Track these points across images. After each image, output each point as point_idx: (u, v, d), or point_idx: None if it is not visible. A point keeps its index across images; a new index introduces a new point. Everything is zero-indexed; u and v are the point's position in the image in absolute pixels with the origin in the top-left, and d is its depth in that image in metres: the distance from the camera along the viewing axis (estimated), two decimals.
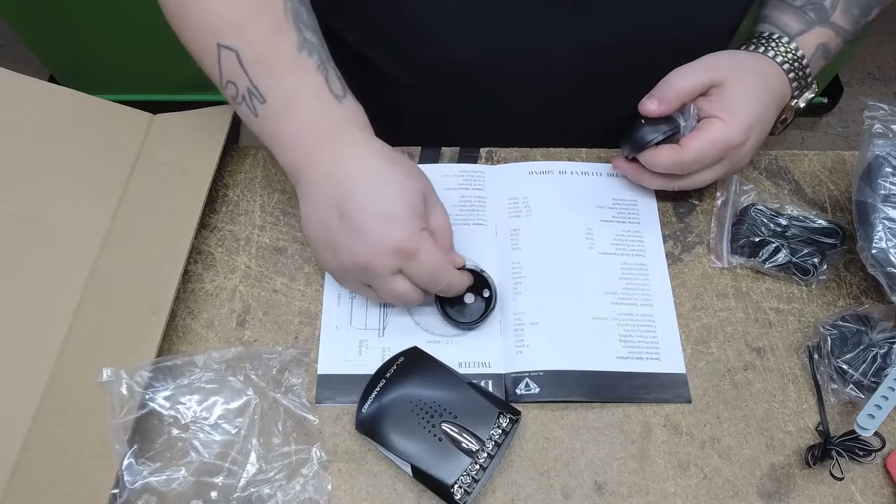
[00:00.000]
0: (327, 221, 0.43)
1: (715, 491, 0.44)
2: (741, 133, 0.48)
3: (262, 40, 0.44)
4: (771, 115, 0.51)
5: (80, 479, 0.40)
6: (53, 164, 0.51)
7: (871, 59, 1.74)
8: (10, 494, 0.40)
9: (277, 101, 0.44)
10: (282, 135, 0.45)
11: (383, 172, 0.44)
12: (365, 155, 0.44)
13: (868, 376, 0.46)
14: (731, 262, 0.52)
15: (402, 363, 0.46)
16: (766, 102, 0.49)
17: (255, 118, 0.45)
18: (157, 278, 0.47)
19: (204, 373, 0.44)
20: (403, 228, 0.42)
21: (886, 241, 0.46)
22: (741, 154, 0.49)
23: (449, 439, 0.43)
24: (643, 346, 0.49)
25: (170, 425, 0.43)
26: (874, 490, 0.44)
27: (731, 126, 0.48)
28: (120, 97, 0.62)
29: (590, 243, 0.53)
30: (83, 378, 0.44)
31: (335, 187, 0.43)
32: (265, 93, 0.44)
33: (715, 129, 0.48)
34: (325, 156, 0.44)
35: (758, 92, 0.49)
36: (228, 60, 0.44)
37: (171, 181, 0.52)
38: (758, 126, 0.49)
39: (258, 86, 0.44)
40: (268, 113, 0.44)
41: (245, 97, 0.45)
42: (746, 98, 0.49)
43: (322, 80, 0.45)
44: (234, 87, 0.45)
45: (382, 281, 0.44)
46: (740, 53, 0.52)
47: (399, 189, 0.43)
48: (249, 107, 0.45)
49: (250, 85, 0.44)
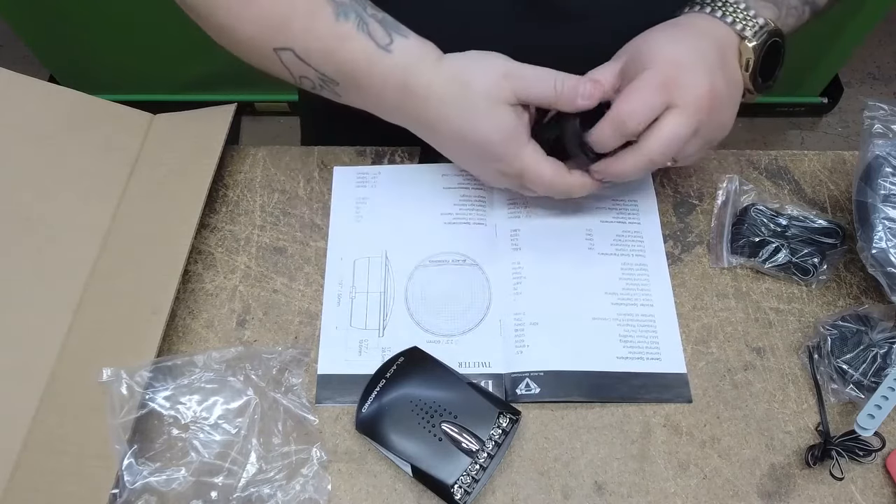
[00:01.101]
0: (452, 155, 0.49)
1: (715, 491, 0.44)
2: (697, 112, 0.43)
3: (306, 28, 0.44)
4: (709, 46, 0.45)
5: (80, 479, 0.40)
6: (53, 164, 0.51)
7: (871, 59, 1.74)
8: (10, 494, 0.40)
9: (346, 80, 0.46)
10: (368, 104, 0.47)
11: (457, 109, 0.45)
12: (431, 102, 0.45)
13: (868, 376, 0.46)
14: (731, 262, 0.52)
15: (402, 363, 0.46)
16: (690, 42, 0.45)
17: (340, 98, 0.48)
18: (157, 278, 0.47)
19: (204, 373, 0.45)
20: (501, 155, 0.45)
21: (886, 241, 0.46)
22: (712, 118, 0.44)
23: (449, 439, 0.43)
24: (643, 347, 0.49)
25: (170, 425, 0.43)
26: (874, 490, 0.44)
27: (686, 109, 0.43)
28: (120, 97, 0.62)
29: (590, 243, 0.53)
30: (83, 378, 0.44)
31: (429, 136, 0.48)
32: (334, 76, 0.46)
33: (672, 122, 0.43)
34: (408, 114, 0.47)
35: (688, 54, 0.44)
36: (289, 60, 0.45)
37: (171, 181, 0.52)
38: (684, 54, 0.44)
39: (325, 73, 0.45)
40: (347, 91, 0.47)
41: (321, 84, 0.47)
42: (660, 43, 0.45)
43: (366, 39, 0.44)
44: (308, 80, 0.47)
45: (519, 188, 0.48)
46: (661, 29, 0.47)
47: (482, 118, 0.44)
48: (329, 91, 0.47)
49: (318, 74, 0.46)
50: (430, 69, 0.45)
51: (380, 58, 0.44)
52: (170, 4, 0.48)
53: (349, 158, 0.57)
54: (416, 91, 0.45)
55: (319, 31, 0.44)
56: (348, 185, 0.55)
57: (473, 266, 0.52)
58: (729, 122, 0.46)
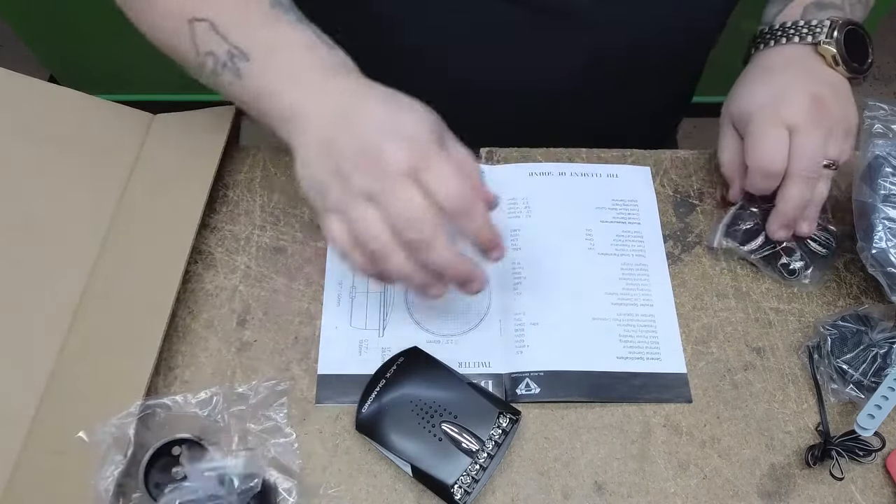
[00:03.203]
0: (331, 144, 0.38)
1: (715, 491, 0.44)
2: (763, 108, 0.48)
3: (234, 5, 0.43)
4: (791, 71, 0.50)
5: (80, 479, 0.40)
6: (53, 164, 0.51)
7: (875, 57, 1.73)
8: (10, 494, 0.40)
9: (262, 53, 0.42)
10: (271, 84, 0.42)
11: (393, 97, 0.40)
12: (367, 85, 0.41)
13: (868, 376, 0.46)
14: (722, 244, 0.52)
15: (402, 363, 0.46)
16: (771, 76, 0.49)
17: (239, 80, 0.42)
18: (157, 278, 0.47)
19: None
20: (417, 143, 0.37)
21: (886, 241, 0.46)
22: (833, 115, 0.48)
23: (449, 439, 0.43)
24: (643, 347, 0.49)
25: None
26: (874, 490, 0.44)
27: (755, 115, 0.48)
28: (120, 97, 0.62)
29: (590, 244, 0.53)
30: (83, 378, 0.44)
31: (339, 108, 0.39)
32: (248, 50, 0.42)
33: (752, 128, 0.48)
34: (324, 87, 0.41)
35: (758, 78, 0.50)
36: (203, 32, 0.42)
37: (171, 181, 0.52)
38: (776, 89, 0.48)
39: (239, 45, 0.42)
40: (253, 68, 0.42)
41: (226, 62, 0.42)
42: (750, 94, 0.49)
43: (307, 31, 0.43)
44: (212, 57, 0.43)
45: (391, 184, 0.37)
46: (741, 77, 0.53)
47: (411, 110, 0.39)
48: (232, 69, 0.42)
49: (230, 47, 0.42)
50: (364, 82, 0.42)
51: (319, 45, 0.42)
52: None
53: None
54: (348, 75, 0.41)
55: (251, 10, 0.42)
56: None
57: None
58: (852, 110, 0.49)
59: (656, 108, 0.69)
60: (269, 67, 0.42)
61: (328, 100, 0.40)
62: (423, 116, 0.39)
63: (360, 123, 0.38)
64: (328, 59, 0.42)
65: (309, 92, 0.41)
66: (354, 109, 0.39)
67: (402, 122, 0.38)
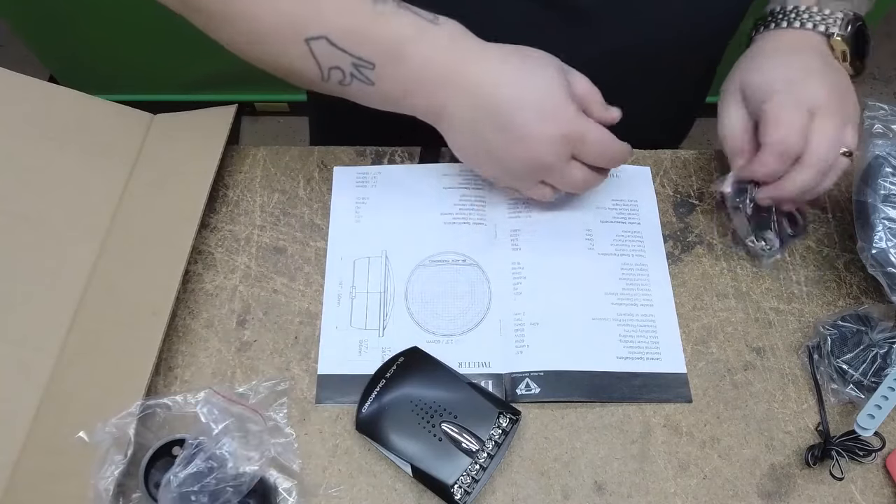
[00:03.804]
0: (485, 142, 0.45)
1: (715, 491, 0.44)
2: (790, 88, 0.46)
3: (341, 13, 0.43)
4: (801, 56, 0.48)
5: (80, 479, 0.40)
6: (53, 164, 0.51)
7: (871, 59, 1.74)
8: (10, 494, 0.40)
9: (385, 59, 0.43)
10: (404, 86, 0.45)
11: (517, 71, 0.44)
12: (491, 63, 0.44)
13: (868, 376, 0.46)
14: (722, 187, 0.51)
15: (402, 363, 0.46)
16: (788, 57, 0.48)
17: (372, 87, 0.45)
18: (157, 278, 0.47)
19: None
20: (563, 115, 0.44)
21: (886, 241, 0.46)
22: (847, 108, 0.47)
23: (449, 439, 0.43)
24: (643, 347, 0.49)
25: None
26: (874, 490, 0.44)
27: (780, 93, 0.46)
28: (120, 97, 0.62)
29: (590, 244, 0.53)
30: (83, 378, 0.44)
31: (481, 108, 0.44)
32: (371, 57, 0.43)
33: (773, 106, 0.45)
34: (455, 84, 0.44)
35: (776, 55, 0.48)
36: (322, 48, 0.43)
37: (171, 181, 0.52)
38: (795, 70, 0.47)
39: (361, 55, 0.43)
40: (382, 74, 0.44)
41: (354, 73, 0.44)
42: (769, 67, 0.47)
43: (411, 15, 0.44)
44: (338, 71, 0.44)
45: (559, 172, 0.46)
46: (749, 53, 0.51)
47: (540, 79, 0.44)
48: (362, 79, 0.44)
49: (353, 59, 0.43)
50: (479, 40, 0.45)
51: (429, 27, 0.44)
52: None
53: (349, 158, 0.57)
54: (470, 54, 0.44)
55: (356, 11, 0.42)
56: (348, 185, 0.55)
57: (473, 266, 0.52)
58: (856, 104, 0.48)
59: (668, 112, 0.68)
60: (395, 71, 0.44)
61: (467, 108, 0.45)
62: (545, 75, 0.44)
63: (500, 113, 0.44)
64: (442, 39, 0.44)
65: (443, 97, 0.45)
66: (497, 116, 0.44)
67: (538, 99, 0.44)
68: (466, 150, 0.48)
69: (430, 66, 0.44)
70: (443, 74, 0.44)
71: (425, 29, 0.44)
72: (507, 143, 0.45)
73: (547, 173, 0.47)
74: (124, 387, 0.43)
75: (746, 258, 0.53)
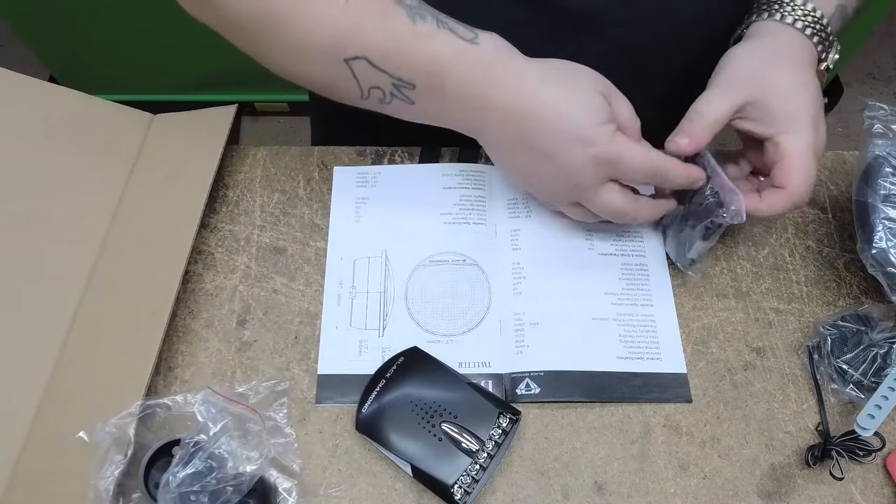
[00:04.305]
0: (520, 161, 0.46)
1: (715, 491, 0.44)
2: (813, 130, 0.45)
3: (381, 31, 0.43)
4: (816, 85, 0.47)
5: (80, 479, 0.40)
6: (53, 164, 0.51)
7: (871, 59, 1.74)
8: (10, 494, 0.40)
9: (424, 80, 0.44)
10: (442, 105, 0.45)
11: (552, 93, 0.43)
12: (527, 84, 0.43)
13: (868, 376, 0.46)
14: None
15: (402, 363, 0.46)
16: (808, 80, 0.46)
17: (412, 105, 0.45)
18: (157, 278, 0.47)
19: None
20: (597, 139, 0.43)
21: (886, 241, 0.46)
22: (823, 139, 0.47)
23: (449, 439, 0.43)
24: (643, 347, 0.49)
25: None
26: (874, 490, 0.44)
27: (802, 132, 0.45)
28: (120, 97, 0.62)
29: (590, 244, 0.53)
30: (83, 378, 0.44)
31: (514, 128, 0.44)
32: (410, 78, 0.44)
33: (796, 147, 0.45)
34: (490, 107, 0.44)
35: (796, 78, 0.46)
36: (362, 69, 0.43)
37: (171, 181, 0.52)
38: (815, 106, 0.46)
39: (401, 76, 0.43)
40: (421, 94, 0.44)
41: (393, 93, 0.45)
42: (791, 95, 0.45)
43: (449, 34, 0.43)
44: (378, 90, 0.45)
45: (590, 196, 0.45)
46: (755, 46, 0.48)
47: (574, 101, 0.43)
48: (402, 98, 0.45)
49: (393, 80, 0.44)
50: (520, 61, 0.45)
51: (467, 49, 0.43)
52: (170, 4, 0.47)
53: (349, 158, 0.57)
54: (506, 76, 0.44)
55: (396, 32, 0.42)
56: (348, 185, 0.55)
57: (473, 266, 0.52)
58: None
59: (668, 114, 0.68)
60: (434, 91, 0.44)
61: (502, 127, 0.45)
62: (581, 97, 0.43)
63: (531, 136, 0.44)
64: (480, 60, 0.44)
65: (480, 116, 0.45)
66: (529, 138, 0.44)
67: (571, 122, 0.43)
68: (504, 167, 0.50)
69: (468, 87, 0.44)
70: (479, 96, 0.44)
71: (463, 50, 0.43)
72: (539, 165, 0.45)
73: (580, 194, 0.46)
74: (124, 387, 0.43)
75: (746, 258, 0.53)
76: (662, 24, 0.53)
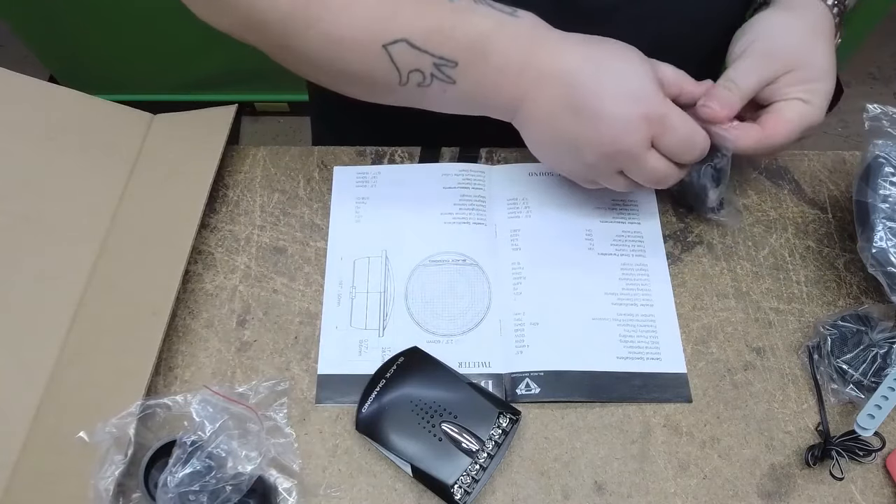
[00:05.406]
0: (563, 126, 0.44)
1: (715, 491, 0.44)
2: (823, 111, 0.46)
3: (420, 15, 0.42)
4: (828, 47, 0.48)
5: (80, 479, 0.40)
6: (53, 164, 0.51)
7: (871, 59, 1.74)
8: (10, 494, 0.40)
9: (468, 55, 0.43)
10: (485, 80, 0.44)
11: (598, 56, 0.43)
12: (573, 46, 0.43)
13: (868, 376, 0.46)
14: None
15: (402, 363, 0.46)
16: (833, 61, 0.47)
17: (454, 85, 0.44)
18: (157, 278, 0.47)
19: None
20: (646, 95, 0.42)
21: (886, 241, 0.46)
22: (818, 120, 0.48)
23: (449, 439, 0.43)
24: (643, 347, 0.49)
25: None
26: (874, 490, 0.44)
27: (815, 108, 0.46)
28: (120, 97, 0.62)
29: (590, 244, 0.53)
30: (83, 378, 0.44)
31: (561, 91, 0.43)
32: (452, 55, 0.43)
33: (800, 113, 0.46)
34: (534, 70, 0.43)
35: (827, 58, 0.46)
36: (401, 52, 0.42)
37: (171, 181, 0.52)
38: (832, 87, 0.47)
39: (443, 55, 0.43)
40: (464, 71, 0.44)
41: (434, 74, 0.44)
42: (822, 72, 0.46)
43: (488, 8, 0.43)
44: (418, 74, 0.44)
45: (636, 160, 0.44)
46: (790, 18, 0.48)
47: (624, 58, 0.43)
48: (443, 78, 0.44)
49: (435, 59, 0.43)
50: (559, 31, 0.45)
51: (508, 20, 0.43)
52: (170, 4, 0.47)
53: (349, 158, 0.57)
54: (550, 41, 0.44)
55: (435, 10, 0.42)
56: (348, 185, 0.55)
57: (473, 266, 0.52)
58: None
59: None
60: (477, 67, 0.43)
61: (545, 91, 0.44)
62: (628, 58, 0.43)
63: (577, 96, 0.43)
64: (522, 30, 0.44)
65: (522, 86, 0.44)
66: (575, 97, 0.43)
67: (620, 78, 0.42)
68: (543, 144, 0.47)
69: (512, 54, 0.43)
70: (523, 62, 0.43)
71: (505, 22, 0.43)
72: (583, 128, 0.43)
73: (625, 160, 0.45)
74: (124, 387, 0.43)
75: (746, 258, 0.53)
76: (673, 20, 0.53)
